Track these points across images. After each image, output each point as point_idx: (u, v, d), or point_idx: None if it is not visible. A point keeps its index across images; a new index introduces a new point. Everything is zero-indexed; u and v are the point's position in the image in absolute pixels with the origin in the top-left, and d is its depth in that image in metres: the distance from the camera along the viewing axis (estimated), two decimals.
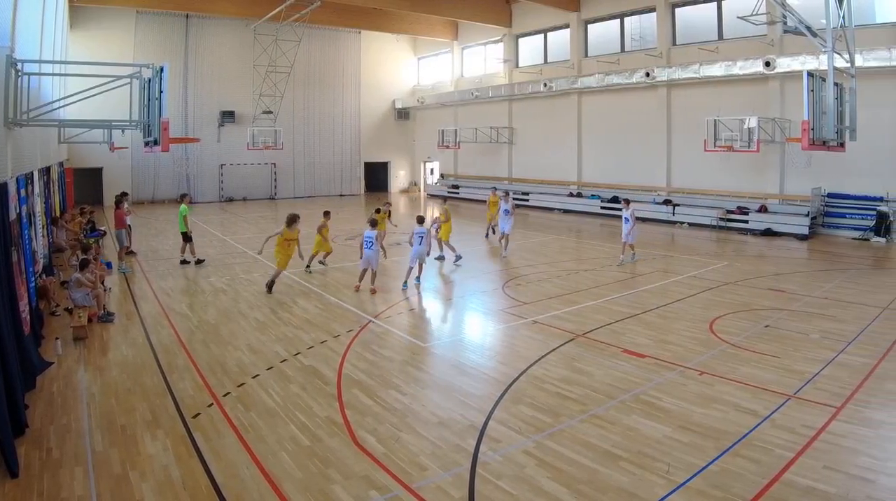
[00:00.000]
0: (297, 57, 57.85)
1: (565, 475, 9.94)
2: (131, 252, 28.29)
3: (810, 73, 22.68)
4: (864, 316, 19.28)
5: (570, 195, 52.09)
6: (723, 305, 20.82)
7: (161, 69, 18.12)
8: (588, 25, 52.21)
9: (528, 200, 54.57)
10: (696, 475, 9.83)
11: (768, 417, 11.85)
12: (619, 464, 10.24)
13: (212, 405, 12.77)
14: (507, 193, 32.26)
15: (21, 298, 15.02)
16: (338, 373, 14.64)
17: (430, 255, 25.38)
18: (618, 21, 49.64)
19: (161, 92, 18.07)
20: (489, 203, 36.99)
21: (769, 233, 37.48)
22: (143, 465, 10.25)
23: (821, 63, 29.74)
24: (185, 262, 27.67)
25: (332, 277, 25.61)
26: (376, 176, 71.98)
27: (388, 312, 20.37)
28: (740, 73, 38.87)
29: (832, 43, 23.08)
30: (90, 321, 18.37)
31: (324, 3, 48.43)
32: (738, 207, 40.22)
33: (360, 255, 23.39)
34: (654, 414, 12.19)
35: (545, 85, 52.79)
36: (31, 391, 13.40)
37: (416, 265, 23.66)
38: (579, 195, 51.94)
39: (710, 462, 10.20)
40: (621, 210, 28.66)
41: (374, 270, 22.88)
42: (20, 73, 16.28)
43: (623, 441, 11.06)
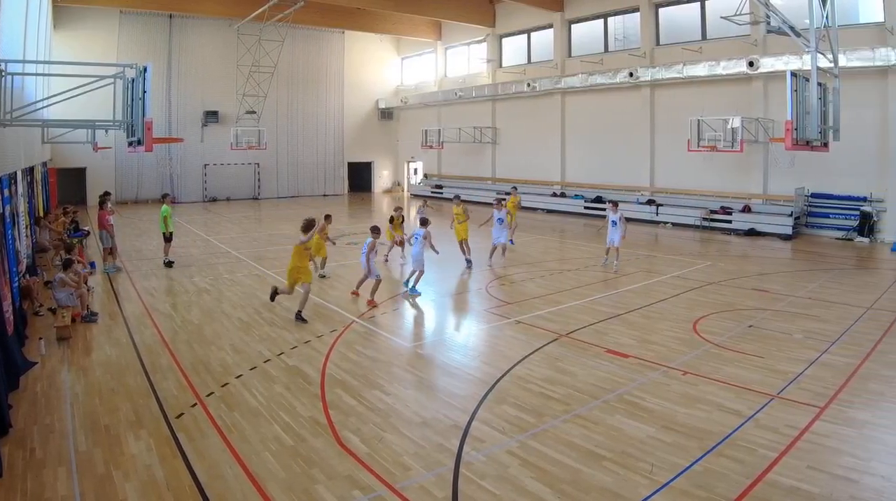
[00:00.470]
0: (281, 57, 57.86)
1: (549, 475, 9.93)
2: (108, 250, 28.17)
3: (794, 73, 22.66)
4: (847, 316, 19.34)
5: (554, 195, 52.14)
6: (706, 305, 20.84)
7: (144, 69, 18.06)
8: (572, 25, 52.33)
9: (507, 199, 54.11)
10: (679, 475, 9.84)
11: (752, 417, 11.86)
12: (602, 464, 10.24)
13: (195, 405, 12.73)
14: (500, 201, 30.44)
15: (4, 298, 14.97)
16: (321, 373, 14.62)
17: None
18: (601, 21, 49.81)
19: (144, 92, 18.01)
20: (509, 205, 33.63)
21: (753, 233, 37.55)
22: (127, 465, 10.23)
23: (804, 63, 29.81)
24: (170, 264, 27.49)
25: (315, 278, 25.47)
26: (360, 176, 72.04)
27: (371, 312, 20.37)
28: (724, 73, 39.01)
29: (815, 43, 23.08)
30: (74, 321, 18.34)
31: (307, 3, 48.60)
32: (722, 207, 40.27)
33: (366, 266, 21.92)
34: (637, 414, 12.19)
35: (529, 85, 52.89)
36: (15, 391, 13.35)
37: (418, 270, 23.05)
38: (563, 195, 52.10)
39: (694, 462, 10.21)
40: (607, 212, 28.01)
41: (378, 279, 21.56)
42: (3, 74, 16.22)
43: (606, 441, 11.06)
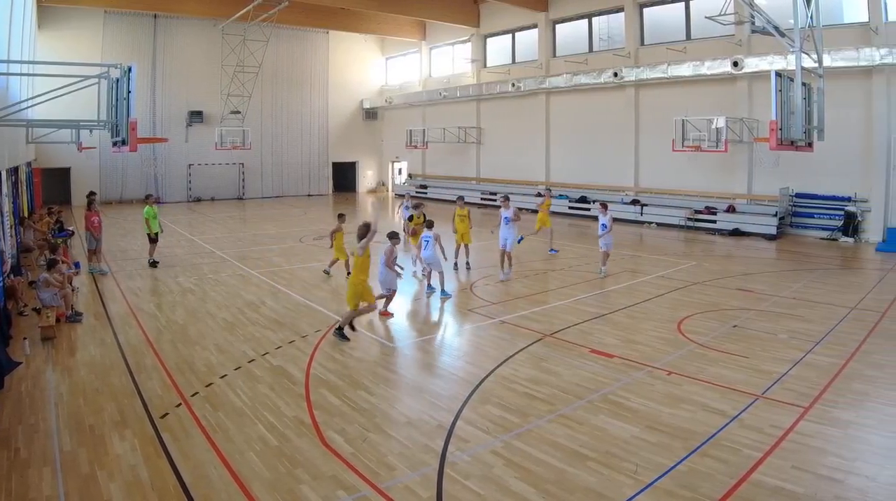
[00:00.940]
0: (265, 57, 57.86)
1: (533, 475, 9.93)
2: (92, 251, 28.07)
3: (778, 73, 22.71)
4: (832, 316, 19.38)
5: (539, 195, 51.68)
6: (691, 305, 20.87)
7: (129, 69, 18.03)
8: (556, 25, 52.43)
9: (495, 200, 54.13)
10: (664, 475, 9.84)
11: (736, 417, 11.88)
12: (586, 464, 10.24)
13: (180, 405, 12.70)
14: (506, 197, 27.53)
15: None
16: (306, 373, 14.61)
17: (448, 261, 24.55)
18: (586, 21, 49.89)
19: (129, 92, 17.98)
20: (541, 207, 32.29)
21: (737, 233, 37.63)
22: (112, 465, 10.20)
23: (789, 63, 29.98)
24: (155, 264, 27.45)
25: (300, 277, 25.53)
26: (344, 176, 72.16)
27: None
28: (708, 72, 39.11)
29: (800, 43, 23.14)
30: (58, 321, 18.28)
31: (292, 3, 48.52)
32: (707, 207, 40.32)
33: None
34: (621, 414, 12.19)
35: (513, 85, 52.92)
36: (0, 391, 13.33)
37: (429, 271, 22.98)
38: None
39: (678, 462, 10.21)
40: (598, 216, 26.75)
41: (393, 291, 20.26)
42: None
43: (591, 441, 11.06)
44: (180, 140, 59.01)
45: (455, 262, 26.90)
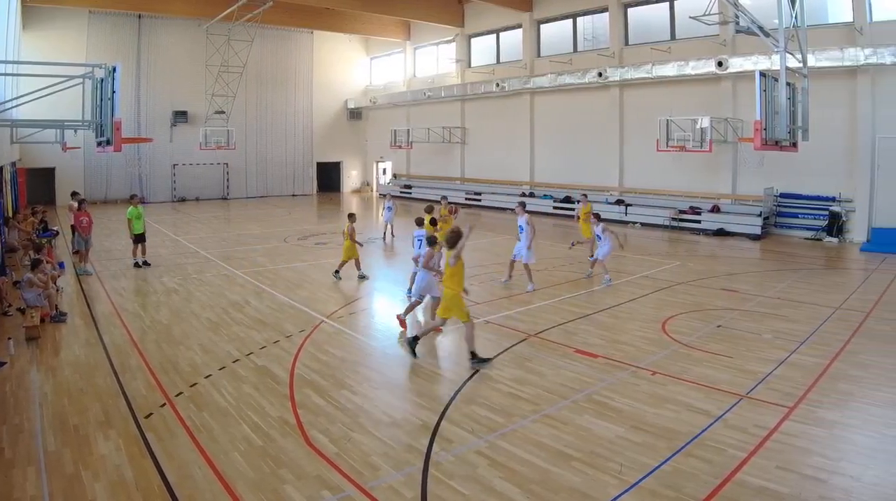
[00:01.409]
0: (250, 57, 57.77)
1: (517, 475, 9.93)
2: (77, 252, 27.94)
3: (763, 73, 22.77)
4: (816, 316, 19.43)
5: (523, 195, 51.78)
6: (675, 305, 20.88)
7: (114, 69, 18.06)
8: (540, 25, 52.47)
9: (480, 200, 55.00)
10: (648, 475, 9.86)
11: (721, 417, 11.90)
12: (571, 464, 10.25)
13: (164, 405, 12.68)
14: (522, 203, 25.82)
15: None
16: (290, 373, 14.60)
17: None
18: (570, 21, 49.94)
19: (114, 92, 18.02)
20: (580, 214, 30.23)
21: (721, 233, 37.65)
22: (96, 465, 10.18)
23: (773, 63, 29.97)
24: (138, 265, 27.34)
25: (284, 277, 25.51)
26: (329, 176, 72.14)
27: (340, 312, 20.34)
28: (693, 73, 39.10)
29: (784, 43, 23.19)
30: (42, 321, 18.22)
31: (276, 3, 48.52)
32: (691, 207, 40.37)
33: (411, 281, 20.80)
34: (606, 414, 12.20)
35: (497, 85, 52.97)
36: None
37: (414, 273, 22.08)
38: (532, 195, 52.01)
39: (663, 462, 10.22)
40: (595, 226, 25.58)
41: (419, 300, 18.82)
42: None
43: (575, 441, 11.08)
44: (165, 140, 58.86)
45: None
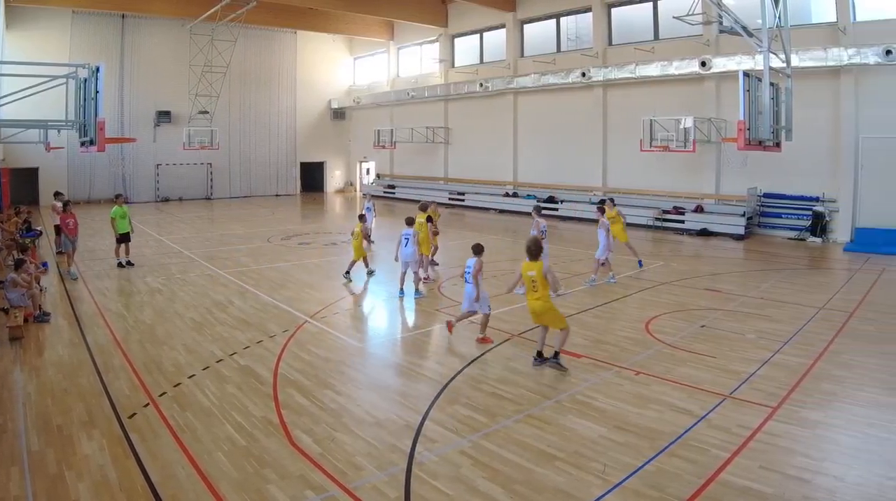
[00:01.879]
0: (233, 57, 57.94)
1: (501, 475, 9.95)
2: (60, 252, 27.85)
3: (746, 73, 22.80)
4: (799, 316, 19.49)
5: (506, 195, 52.33)
6: (659, 305, 20.92)
7: (97, 69, 18.04)
8: (524, 25, 52.59)
9: (463, 200, 55.12)
10: (631, 475, 9.87)
11: (704, 417, 11.94)
12: (554, 464, 10.27)
13: (148, 405, 12.68)
14: (538, 208, 25.99)
15: None
16: (274, 373, 14.61)
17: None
18: (554, 21, 50.04)
19: (97, 92, 18.02)
20: (610, 219, 26.29)
21: (705, 233, 37.74)
22: (80, 465, 10.17)
23: (756, 63, 30.03)
24: (122, 265, 27.31)
25: (268, 277, 25.51)
26: (312, 176, 72.27)
27: (323, 312, 20.34)
28: (676, 73, 39.23)
29: (768, 43, 23.22)
30: (26, 321, 18.23)
31: (259, 3, 48.57)
32: (674, 207, 40.45)
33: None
34: (589, 414, 12.23)
35: (481, 85, 53.08)
36: None
37: (408, 270, 22.65)
38: (515, 195, 52.28)
39: (646, 462, 10.25)
40: (597, 221, 25.74)
41: (488, 313, 17.88)
42: None
43: (559, 441, 11.09)
44: (148, 140, 58.82)
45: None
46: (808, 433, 11.29)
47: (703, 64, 37.08)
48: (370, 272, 25.84)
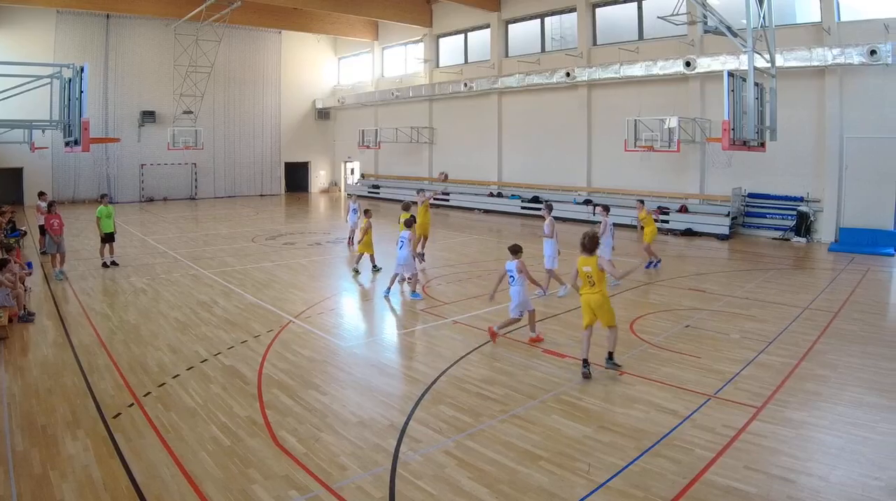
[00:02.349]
0: (218, 57, 57.82)
1: (486, 475, 9.93)
2: (45, 253, 27.75)
3: (731, 73, 22.81)
4: (784, 316, 19.50)
5: (491, 195, 52.33)
6: (643, 305, 20.94)
7: (81, 69, 18.04)
8: (509, 25, 52.58)
9: (448, 200, 54.96)
10: (616, 475, 9.86)
11: (689, 417, 11.94)
12: (539, 464, 10.24)
13: (132, 405, 12.60)
14: (549, 206, 25.25)
15: None
16: (258, 374, 14.54)
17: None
18: (538, 21, 50.08)
19: (81, 92, 18.01)
20: (641, 221, 28.22)
21: (689, 233, 37.73)
22: (64, 465, 10.12)
23: (741, 63, 30.08)
24: (106, 265, 27.20)
25: (252, 277, 25.43)
26: (297, 176, 72.15)
27: (308, 312, 20.28)
28: (661, 73, 39.17)
29: (752, 43, 23.25)
30: (10, 321, 18.08)
31: (244, 3, 48.37)
32: (659, 207, 40.23)
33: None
34: (574, 414, 12.22)
35: (465, 85, 52.93)
36: None
37: (401, 273, 22.43)
38: (500, 195, 52.27)
39: (631, 462, 10.23)
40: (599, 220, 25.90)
41: (532, 310, 17.51)
42: None
43: (543, 441, 11.08)
44: (133, 140, 58.66)
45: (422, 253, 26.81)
46: (792, 433, 11.29)
47: (688, 64, 37.10)
48: (376, 268, 26.11)
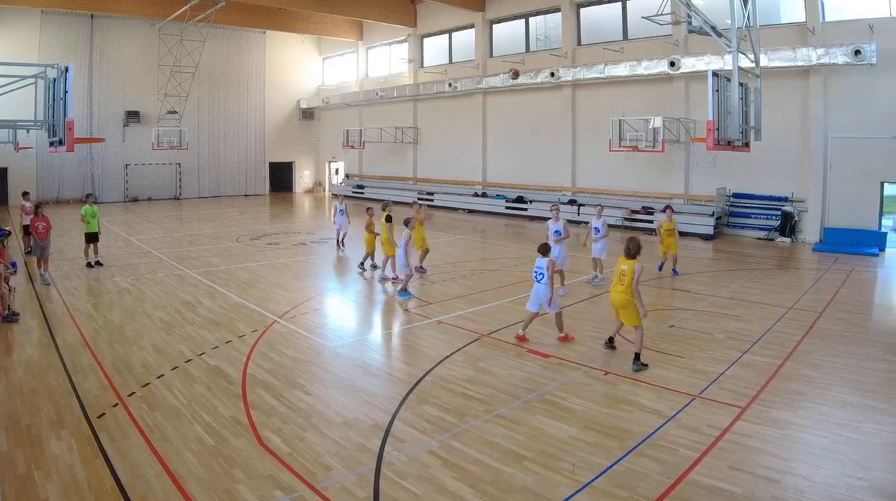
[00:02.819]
0: (202, 57, 57.81)
1: (470, 475, 9.94)
2: (29, 253, 27.65)
3: (715, 73, 22.82)
4: (768, 316, 19.55)
5: (475, 195, 52.35)
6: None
7: (66, 69, 18.04)
8: (493, 25, 52.63)
9: (432, 200, 54.71)
10: (600, 475, 9.88)
11: (673, 417, 11.97)
12: (523, 464, 10.25)
13: (117, 405, 12.59)
14: (557, 206, 25.13)
15: None
16: (242, 373, 14.55)
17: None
18: (523, 21, 50.10)
19: (66, 92, 18.00)
20: (661, 229, 26.73)
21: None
22: (48, 465, 10.11)
23: (726, 63, 30.20)
24: (90, 265, 27.09)
25: (237, 277, 25.40)
26: (281, 176, 72.02)
27: (292, 312, 20.26)
28: (645, 73, 39.22)
29: (737, 43, 23.28)
30: None
31: (229, 3, 48.36)
32: (643, 207, 40.40)
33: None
34: (558, 413, 12.23)
35: (450, 85, 53.08)
36: None
37: (404, 274, 22.43)
38: (484, 195, 52.23)
39: (615, 462, 10.25)
40: (591, 219, 25.93)
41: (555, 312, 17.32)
42: None
43: (528, 441, 11.09)
44: (117, 140, 58.53)
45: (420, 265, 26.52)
46: (776, 433, 11.31)
47: (672, 64, 37.14)
48: (374, 266, 26.32)
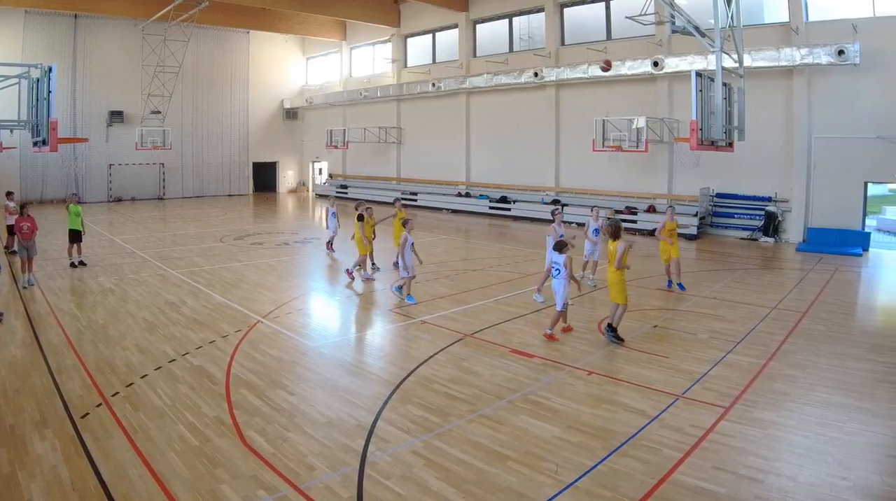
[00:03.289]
0: (186, 57, 57.73)
1: (454, 475, 9.93)
2: (13, 252, 27.56)
3: (699, 73, 22.86)
4: (752, 316, 19.60)
5: (459, 195, 52.49)
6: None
7: (49, 69, 18.04)
8: (477, 25, 52.67)
9: (416, 200, 54.92)
10: (584, 475, 9.87)
11: (657, 417, 11.98)
12: (507, 464, 10.25)
13: (100, 405, 12.54)
14: (556, 208, 25.64)
15: None
16: (226, 373, 14.51)
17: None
18: (506, 21, 50.15)
19: (49, 92, 18.04)
20: (664, 230, 24.22)
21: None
22: (32, 465, 10.07)
23: (709, 63, 30.34)
24: (74, 265, 26.99)
25: (220, 277, 25.37)
26: (265, 176, 72.01)
27: (276, 312, 20.22)
28: (629, 73, 39.29)
29: (720, 43, 23.30)
30: None
31: (212, 3, 48.36)
32: (627, 207, 40.42)
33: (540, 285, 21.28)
34: (542, 413, 12.22)
35: (433, 85, 53.06)
36: None
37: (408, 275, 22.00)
38: (468, 195, 52.31)
39: (599, 462, 10.25)
40: (588, 220, 25.45)
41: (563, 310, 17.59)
42: None
43: (511, 441, 11.08)
44: (101, 140, 58.43)
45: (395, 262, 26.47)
46: (760, 433, 11.32)
47: (656, 64, 37.21)
48: (374, 267, 26.26)
